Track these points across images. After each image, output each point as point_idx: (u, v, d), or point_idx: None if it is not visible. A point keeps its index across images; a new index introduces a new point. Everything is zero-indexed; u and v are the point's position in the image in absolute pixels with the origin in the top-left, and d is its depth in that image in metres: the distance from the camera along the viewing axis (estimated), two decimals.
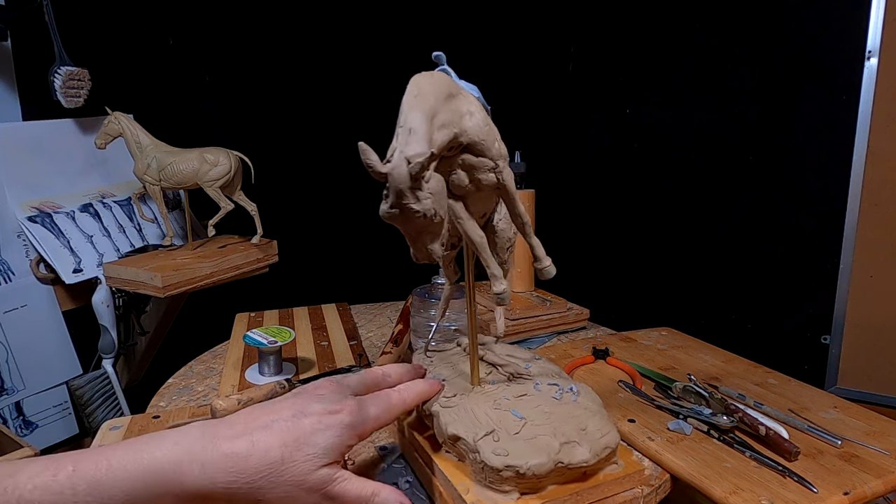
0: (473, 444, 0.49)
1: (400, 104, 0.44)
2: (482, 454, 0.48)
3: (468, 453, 0.50)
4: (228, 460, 0.40)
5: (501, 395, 0.57)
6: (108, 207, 1.30)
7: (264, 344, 0.83)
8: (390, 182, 0.40)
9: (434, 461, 0.53)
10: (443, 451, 0.54)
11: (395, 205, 0.40)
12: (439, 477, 0.52)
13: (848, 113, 1.12)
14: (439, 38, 1.40)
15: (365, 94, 1.46)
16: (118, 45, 1.31)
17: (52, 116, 1.23)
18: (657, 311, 1.39)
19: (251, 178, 1.20)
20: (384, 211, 0.41)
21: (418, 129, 0.41)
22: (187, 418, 0.73)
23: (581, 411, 0.54)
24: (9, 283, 1.16)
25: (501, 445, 0.49)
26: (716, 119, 1.29)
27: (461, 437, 0.50)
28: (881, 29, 1.08)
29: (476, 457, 0.49)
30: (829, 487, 0.54)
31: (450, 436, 0.51)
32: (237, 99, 1.41)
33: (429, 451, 0.54)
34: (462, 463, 0.52)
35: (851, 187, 1.14)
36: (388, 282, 1.17)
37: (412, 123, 0.41)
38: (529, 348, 0.97)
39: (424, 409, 0.56)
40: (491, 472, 0.48)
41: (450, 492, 0.50)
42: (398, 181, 0.40)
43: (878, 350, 1.17)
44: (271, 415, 0.43)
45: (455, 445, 0.51)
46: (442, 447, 0.54)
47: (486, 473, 0.48)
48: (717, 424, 0.64)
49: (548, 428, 0.51)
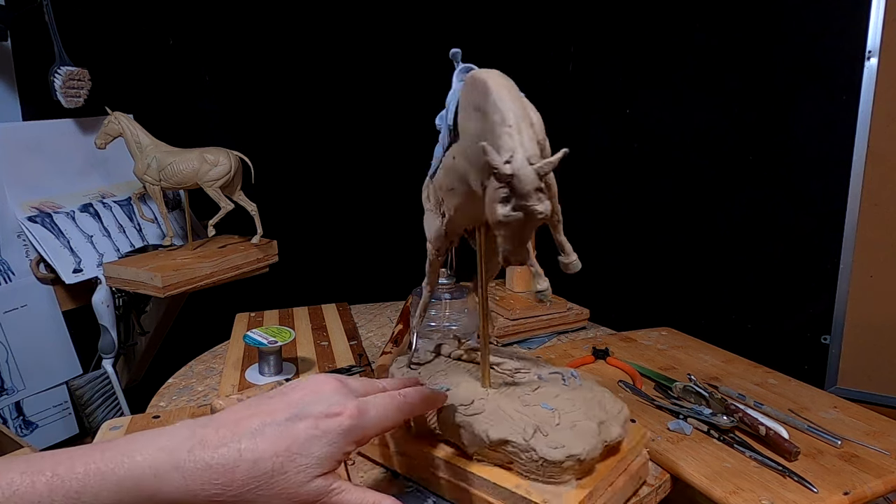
0: (526, 444, 0.49)
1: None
2: (539, 451, 0.48)
3: (520, 454, 0.50)
4: (212, 472, 0.37)
5: (520, 392, 0.57)
6: (108, 207, 1.30)
7: (264, 344, 0.83)
8: (515, 184, 0.38)
9: (471, 472, 0.52)
10: (474, 460, 0.53)
11: (517, 207, 0.38)
12: (482, 487, 0.51)
13: (848, 113, 1.12)
14: (439, 38, 1.40)
15: (365, 94, 1.46)
16: (118, 45, 1.31)
17: (52, 116, 1.23)
18: (657, 311, 1.39)
19: (251, 178, 1.20)
20: (504, 214, 0.38)
21: (527, 129, 0.40)
22: (187, 418, 0.73)
23: (592, 392, 0.57)
24: (9, 283, 1.16)
25: (553, 439, 0.49)
26: (716, 119, 1.29)
27: (509, 440, 0.50)
28: (881, 29, 1.08)
29: (532, 455, 0.49)
30: (829, 487, 0.54)
31: (494, 441, 0.50)
32: (237, 99, 1.41)
33: (460, 464, 0.53)
34: (498, 467, 0.52)
35: (851, 187, 1.14)
36: (388, 282, 1.17)
37: (522, 122, 0.40)
38: (529, 348, 0.97)
39: (442, 422, 0.54)
40: (550, 466, 0.48)
41: (502, 498, 0.50)
42: (526, 183, 0.38)
43: (878, 350, 1.17)
44: (264, 416, 0.40)
45: (499, 449, 0.51)
46: (473, 457, 0.53)
47: (545, 469, 0.49)
48: (717, 424, 0.64)
49: (580, 413, 0.53)
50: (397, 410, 0.45)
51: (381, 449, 0.60)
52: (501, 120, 0.39)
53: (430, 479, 0.56)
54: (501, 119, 0.39)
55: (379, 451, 0.60)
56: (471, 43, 0.48)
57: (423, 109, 0.62)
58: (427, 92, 0.67)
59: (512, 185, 0.38)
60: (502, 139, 0.38)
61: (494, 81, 0.41)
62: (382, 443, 0.60)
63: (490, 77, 0.42)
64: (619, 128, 1.44)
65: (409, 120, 0.61)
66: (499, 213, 0.38)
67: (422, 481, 0.57)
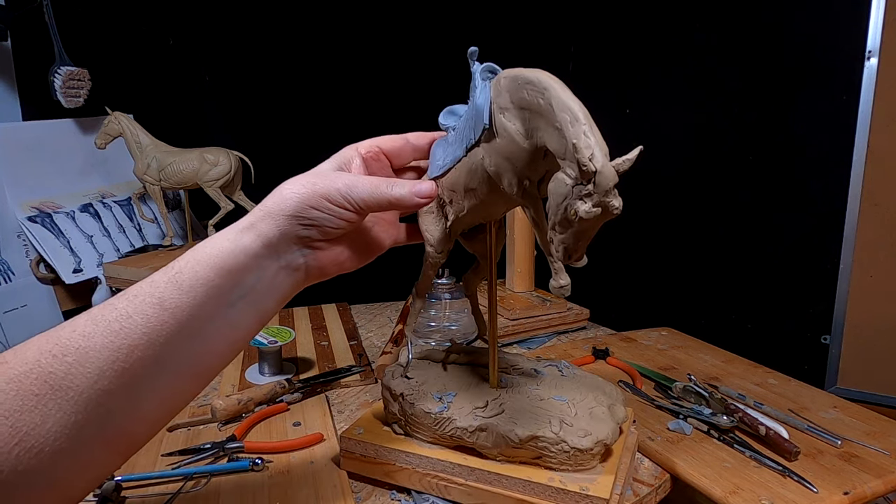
0: (556, 436, 0.51)
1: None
2: (570, 442, 0.50)
3: (550, 447, 0.51)
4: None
5: (526, 387, 0.58)
6: (108, 207, 1.30)
7: (264, 344, 0.83)
8: (599, 181, 0.39)
9: (499, 474, 0.52)
10: (497, 461, 0.54)
11: (598, 203, 0.39)
12: (514, 486, 0.52)
13: (848, 113, 1.12)
14: (439, 38, 1.40)
15: (365, 94, 1.46)
16: (118, 45, 1.31)
17: (52, 116, 1.23)
18: (657, 311, 1.38)
19: (251, 178, 1.20)
20: (587, 210, 0.39)
21: (596, 127, 0.40)
22: (187, 418, 0.73)
23: (588, 379, 0.59)
24: (9, 283, 1.16)
25: (578, 428, 0.51)
26: (716, 119, 1.29)
27: (538, 435, 0.51)
28: (881, 29, 1.08)
29: (563, 446, 0.50)
30: (829, 487, 0.54)
31: (524, 438, 0.51)
32: (237, 99, 1.41)
33: (486, 468, 0.53)
34: (523, 465, 0.53)
35: (851, 187, 1.14)
36: (388, 282, 1.17)
37: (591, 121, 0.40)
38: (529, 348, 0.97)
39: (468, 430, 0.54)
40: (579, 454, 0.50)
41: (537, 493, 0.51)
42: (608, 180, 0.39)
43: (878, 350, 1.17)
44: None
45: (527, 446, 0.52)
46: (497, 458, 0.54)
47: (574, 458, 0.51)
48: (717, 424, 0.64)
49: (590, 400, 0.55)
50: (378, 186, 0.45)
51: (385, 468, 0.58)
52: (573, 119, 0.39)
53: (449, 490, 0.55)
54: (573, 118, 0.39)
55: (382, 470, 0.58)
56: (471, 43, 0.47)
57: (423, 109, 0.62)
58: (427, 92, 0.67)
59: (595, 181, 0.39)
60: (579, 138, 0.39)
61: (553, 80, 0.41)
62: (384, 461, 0.58)
63: (546, 76, 0.42)
64: (619, 128, 1.44)
65: (409, 120, 0.61)
66: (581, 210, 0.39)
67: (447, 493, 0.56)
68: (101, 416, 0.34)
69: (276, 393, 0.77)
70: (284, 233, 0.42)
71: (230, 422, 0.72)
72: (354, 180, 0.44)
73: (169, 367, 0.37)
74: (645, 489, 0.57)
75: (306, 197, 0.42)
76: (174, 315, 0.37)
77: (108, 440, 0.35)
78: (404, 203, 0.44)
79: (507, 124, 0.44)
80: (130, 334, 0.35)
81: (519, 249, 1.10)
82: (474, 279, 0.65)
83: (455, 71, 0.57)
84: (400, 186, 0.44)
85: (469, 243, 0.60)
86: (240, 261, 0.41)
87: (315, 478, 0.60)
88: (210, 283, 0.39)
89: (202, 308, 0.39)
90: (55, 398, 0.32)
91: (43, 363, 0.33)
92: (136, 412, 0.36)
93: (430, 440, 0.57)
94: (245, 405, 0.74)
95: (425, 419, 0.56)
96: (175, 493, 0.57)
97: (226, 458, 0.64)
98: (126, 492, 0.58)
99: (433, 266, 0.58)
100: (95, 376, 0.34)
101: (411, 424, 0.58)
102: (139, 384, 0.36)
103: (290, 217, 0.42)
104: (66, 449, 0.33)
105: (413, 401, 0.57)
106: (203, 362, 0.40)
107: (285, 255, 0.43)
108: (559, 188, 0.41)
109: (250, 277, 0.41)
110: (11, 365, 0.32)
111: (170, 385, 0.38)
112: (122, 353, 0.35)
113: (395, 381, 0.61)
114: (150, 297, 0.37)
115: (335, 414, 0.75)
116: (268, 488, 0.58)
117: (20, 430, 0.31)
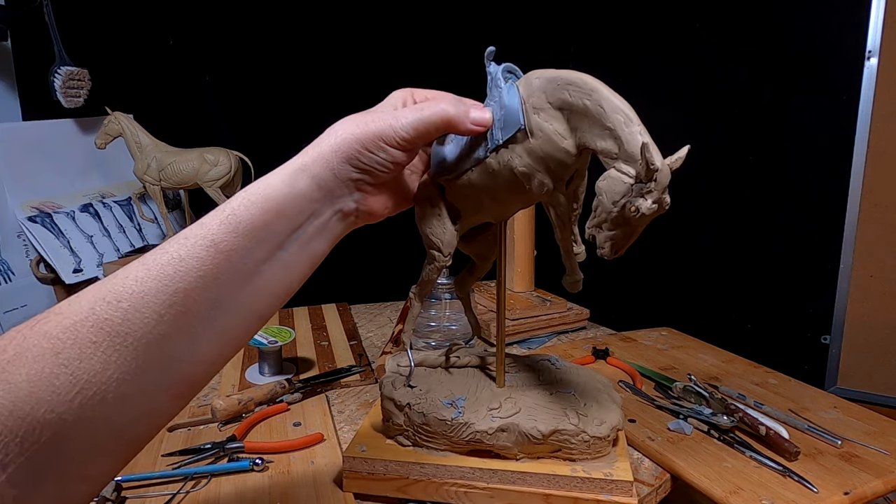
0: (576, 428, 0.52)
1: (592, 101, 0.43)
2: (590, 431, 0.52)
3: (570, 439, 0.52)
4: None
5: (530, 382, 0.59)
6: (108, 207, 1.30)
7: (264, 344, 0.83)
8: (659, 178, 0.40)
9: (521, 472, 0.53)
10: (518, 460, 0.54)
11: (657, 200, 0.40)
12: (538, 483, 0.52)
13: (848, 113, 1.12)
14: (439, 38, 1.40)
15: (365, 94, 1.46)
16: (118, 45, 1.31)
17: (52, 116, 1.23)
18: (657, 311, 1.38)
19: (251, 178, 1.20)
20: (648, 207, 0.40)
21: (645, 127, 0.41)
22: (187, 418, 0.73)
23: (580, 369, 0.61)
24: (9, 283, 1.16)
25: (593, 417, 0.53)
26: (716, 119, 1.29)
27: (559, 429, 0.52)
28: (881, 29, 1.08)
29: (583, 436, 0.52)
30: (829, 487, 0.54)
31: (546, 434, 0.52)
32: (237, 99, 1.41)
33: (509, 468, 0.53)
34: (541, 460, 0.53)
35: (851, 187, 1.14)
36: (388, 282, 1.17)
37: (638, 119, 0.41)
38: (529, 348, 0.97)
39: (488, 433, 0.53)
40: (598, 442, 0.52)
41: (561, 486, 0.51)
42: (667, 176, 0.40)
43: (878, 350, 1.17)
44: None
45: (548, 441, 0.52)
46: (516, 456, 0.54)
47: (593, 447, 0.52)
48: (718, 424, 0.64)
49: (591, 389, 0.57)
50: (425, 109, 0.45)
51: (398, 483, 0.56)
52: (627, 120, 0.41)
53: (464, 496, 0.55)
54: (627, 119, 0.41)
55: (394, 486, 0.57)
56: (471, 43, 0.48)
57: None
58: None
59: (656, 179, 0.40)
60: (634, 137, 0.40)
61: (597, 82, 0.43)
62: (395, 476, 0.57)
63: (589, 77, 0.43)
64: None
65: None
66: (644, 206, 0.40)
67: (452, 501, 0.55)
68: (163, 360, 0.34)
69: (276, 393, 0.77)
70: (339, 176, 0.42)
71: (230, 422, 0.72)
72: (403, 111, 0.44)
73: (226, 308, 0.37)
74: (645, 489, 0.57)
75: (361, 137, 0.43)
76: (229, 258, 0.37)
77: (170, 385, 0.35)
78: (456, 122, 0.44)
79: (544, 124, 0.44)
80: (185, 277, 0.35)
81: (519, 249, 1.10)
82: (469, 280, 0.64)
83: (455, 71, 0.57)
84: (451, 104, 0.44)
85: (466, 244, 0.60)
86: (296, 204, 0.41)
87: (315, 478, 0.60)
88: (266, 227, 0.39)
89: (257, 250, 0.39)
90: (113, 345, 0.32)
91: (97, 310, 0.32)
92: (195, 355, 0.36)
93: (443, 448, 0.56)
94: (245, 405, 0.74)
95: (440, 427, 0.55)
96: (175, 494, 0.57)
97: (226, 458, 0.64)
98: (126, 492, 0.58)
99: (438, 270, 0.57)
100: (153, 321, 0.33)
101: (422, 434, 0.56)
102: (197, 327, 0.36)
103: (344, 160, 0.42)
104: (129, 395, 0.33)
105: (422, 410, 0.56)
106: (259, 302, 0.40)
107: (339, 200, 0.43)
108: (615, 186, 0.41)
109: (305, 222, 0.41)
110: (66, 315, 0.32)
111: (227, 327, 0.38)
112: (178, 297, 0.34)
113: (398, 392, 0.59)
114: (203, 240, 0.37)
115: (335, 414, 0.75)
116: (268, 488, 0.58)
117: (80, 377, 0.31)
